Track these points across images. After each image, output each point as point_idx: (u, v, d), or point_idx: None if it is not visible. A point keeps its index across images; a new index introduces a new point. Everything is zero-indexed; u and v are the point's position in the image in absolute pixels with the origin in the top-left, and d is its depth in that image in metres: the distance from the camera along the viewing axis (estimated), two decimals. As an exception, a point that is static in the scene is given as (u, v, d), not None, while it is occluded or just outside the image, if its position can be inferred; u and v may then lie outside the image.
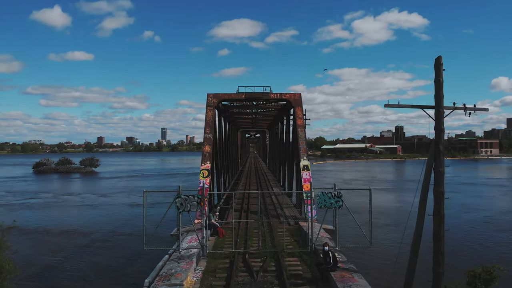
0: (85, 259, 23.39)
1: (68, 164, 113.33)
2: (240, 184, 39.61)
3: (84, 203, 49.36)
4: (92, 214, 40.68)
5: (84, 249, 25.91)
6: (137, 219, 34.58)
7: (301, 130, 24.24)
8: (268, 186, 37.55)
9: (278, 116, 39.97)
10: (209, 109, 25.15)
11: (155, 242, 14.93)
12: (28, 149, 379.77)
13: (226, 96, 25.97)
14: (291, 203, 27.77)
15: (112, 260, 22.90)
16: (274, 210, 24.43)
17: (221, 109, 33.10)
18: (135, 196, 53.56)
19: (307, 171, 22.39)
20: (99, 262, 22.58)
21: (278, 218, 21.70)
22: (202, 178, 21.94)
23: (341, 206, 14.55)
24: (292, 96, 25.76)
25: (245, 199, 28.74)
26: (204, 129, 24.32)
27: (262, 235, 17.29)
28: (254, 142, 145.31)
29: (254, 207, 25.37)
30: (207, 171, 22.26)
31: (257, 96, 25.98)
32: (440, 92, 12.05)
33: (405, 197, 50.25)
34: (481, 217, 38.08)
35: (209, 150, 23.36)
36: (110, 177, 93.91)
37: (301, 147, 23.55)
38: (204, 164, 22.65)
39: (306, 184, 21.85)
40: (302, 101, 25.60)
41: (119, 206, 45.59)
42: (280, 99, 26.10)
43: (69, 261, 23.07)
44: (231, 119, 44.46)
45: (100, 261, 22.92)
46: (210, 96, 25.63)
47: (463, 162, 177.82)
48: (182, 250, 14.37)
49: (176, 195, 14.48)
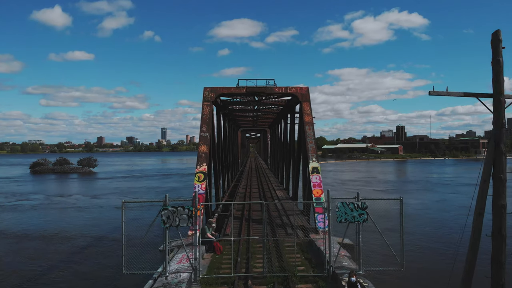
0: (57, 272, 20.65)
1: (66, 164, 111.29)
2: (240, 186, 36.83)
3: (74, 205, 47.37)
4: (78, 217, 38.71)
5: (60, 258, 23.47)
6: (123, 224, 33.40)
7: (309, 128, 21.46)
8: (271, 189, 34.78)
9: (281, 113, 37.14)
10: (206, 105, 22.39)
11: (139, 262, 12.20)
12: (28, 149, 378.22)
13: (225, 90, 23.19)
14: (297, 208, 25.00)
15: (87, 277, 20.01)
16: (279, 218, 21.64)
17: (220, 106, 30.28)
18: (127, 198, 51.26)
19: (317, 175, 19.62)
20: (70, 280, 19.71)
21: (284, 228, 18.94)
22: (197, 182, 19.18)
23: (366, 221, 11.79)
24: (299, 90, 22.99)
25: (246, 205, 25.97)
26: (200, 127, 21.55)
27: (267, 252, 14.49)
28: (254, 142, 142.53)
29: (256, 214, 22.61)
30: (203, 175, 19.48)
31: (260, 90, 23.19)
32: (500, 76, 9.30)
33: (406, 199, 48.71)
34: (485, 220, 35.84)
35: (205, 151, 20.58)
36: (106, 177, 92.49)
37: (309, 147, 20.78)
38: (199, 166, 19.88)
39: (316, 189, 19.08)
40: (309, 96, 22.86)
41: (108, 208, 43.67)
42: (285, 93, 23.31)
43: (44, 272, 20.38)
44: (230, 117, 41.68)
45: (72, 276, 20.08)
46: (207, 90, 22.86)
47: (465, 162, 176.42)
48: (169, 275, 11.61)
49: (161, 206, 11.71)
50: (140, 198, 51.82)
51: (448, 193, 56.57)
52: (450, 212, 40.96)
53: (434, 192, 58.48)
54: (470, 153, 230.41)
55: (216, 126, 29.99)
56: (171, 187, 66.53)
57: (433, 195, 55.35)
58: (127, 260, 11.73)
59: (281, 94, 23.81)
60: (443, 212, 41.11)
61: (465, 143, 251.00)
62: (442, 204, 46.36)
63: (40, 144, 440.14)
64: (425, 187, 66.77)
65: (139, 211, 30.10)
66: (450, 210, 42.04)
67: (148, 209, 30.13)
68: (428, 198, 51.88)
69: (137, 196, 54.52)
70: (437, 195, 54.72)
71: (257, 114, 41.09)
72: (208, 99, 22.54)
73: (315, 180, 19.39)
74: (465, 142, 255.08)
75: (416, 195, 55.42)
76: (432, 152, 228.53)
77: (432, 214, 40.24)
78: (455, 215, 38.52)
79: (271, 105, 31.68)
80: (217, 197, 27.77)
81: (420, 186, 68.51)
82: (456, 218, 35.38)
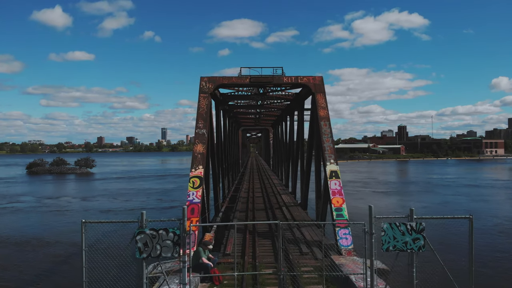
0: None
1: (63, 164, 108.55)
2: (242, 190, 33.48)
3: (59, 207, 44.89)
4: (59, 221, 36.10)
5: (25, 270, 20.42)
6: (103, 230, 31.26)
7: (325, 124, 18.11)
8: (275, 193, 31.43)
9: (287, 109, 33.71)
10: (203, 97, 19.05)
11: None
12: (27, 149, 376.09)
13: (225, 80, 19.82)
14: (308, 217, 21.69)
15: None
16: (289, 230, 18.29)
17: (219, 100, 26.93)
18: (117, 201, 50.00)
19: (336, 180, 16.27)
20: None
21: (297, 245, 15.58)
22: (191, 189, 15.83)
23: (423, 248, 8.46)
24: (312, 79, 19.63)
25: (249, 212, 22.67)
26: (196, 123, 18.21)
27: (280, 282, 11.15)
28: (255, 142, 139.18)
29: (262, 227, 19.27)
30: (199, 180, 16.13)
31: (266, 80, 19.83)
32: None
33: (408, 202, 46.16)
34: (491, 225, 32.94)
35: (201, 151, 17.24)
36: (101, 178, 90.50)
37: (326, 146, 17.42)
38: (194, 169, 16.53)
39: (336, 197, 15.73)
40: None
41: (93, 212, 41.18)
42: (295, 84, 19.94)
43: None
44: (231, 114, 38.36)
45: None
46: (204, 80, 19.53)
47: (468, 162, 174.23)
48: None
49: (137, 228, 8.38)
50: (129, 201, 49.86)
51: (451, 196, 53.94)
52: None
53: (439, 194, 55.68)
54: (473, 153, 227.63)
55: (216, 123, 26.69)
56: (163, 189, 64.09)
57: (438, 197, 52.60)
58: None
59: (291, 85, 20.42)
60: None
61: (468, 143, 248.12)
62: (449, 208, 43.57)
63: (40, 144, 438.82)
64: (427, 188, 64.14)
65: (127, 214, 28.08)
66: (454, 214, 39.23)
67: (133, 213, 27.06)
68: (432, 200, 49.09)
69: (127, 199, 52.23)
70: (443, 197, 52.04)
71: (260, 111, 37.69)
72: (206, 90, 19.21)
73: (335, 187, 16.04)
74: (467, 142, 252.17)
75: (418, 197, 52.84)
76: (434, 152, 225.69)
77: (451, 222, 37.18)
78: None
79: (277, 99, 28.15)
80: (216, 203, 24.41)
81: (422, 187, 65.95)
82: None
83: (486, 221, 35.16)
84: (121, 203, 48.39)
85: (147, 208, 42.92)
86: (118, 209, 43.23)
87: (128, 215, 39.63)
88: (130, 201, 49.60)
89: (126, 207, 44.70)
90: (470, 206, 43.21)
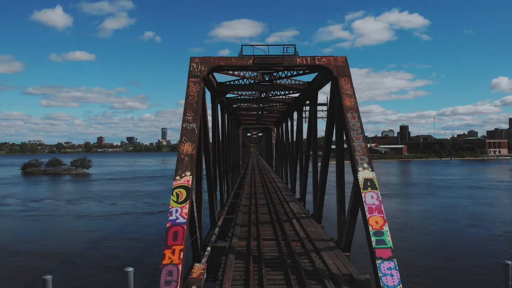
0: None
1: (58, 165, 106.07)
2: (243, 196, 29.12)
3: (38, 211, 43.07)
4: (30, 227, 34.31)
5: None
6: (78, 236, 29.88)
7: (352, 116, 13.77)
8: (282, 200, 27.08)
9: (295, 103, 29.33)
10: (193, 82, 14.73)
11: None
12: (27, 149, 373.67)
13: (222, 61, 15.47)
14: (325, 235, 17.39)
15: None
16: (305, 255, 13.96)
17: (216, 91, 22.56)
18: (102, 204, 47.48)
19: (373, 191, 11.93)
20: None
21: (318, 280, 11.24)
22: (175, 204, 11.46)
23: None
24: (333, 60, 15.30)
25: (252, 226, 18.34)
26: (184, 114, 13.88)
27: None
28: (255, 142, 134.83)
29: (270, 246, 14.97)
30: (185, 191, 11.77)
31: (275, 61, 15.48)
32: None
33: (409, 206, 44.80)
34: (500, 232, 30.25)
35: (190, 151, 12.89)
36: (96, 179, 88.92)
37: (356, 146, 13.08)
38: (180, 176, 12.18)
39: (374, 216, 11.38)
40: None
41: (68, 217, 38.70)
42: (312, 66, 15.56)
43: None
44: (231, 110, 34.05)
45: None
46: (195, 60, 15.22)
47: (472, 162, 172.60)
48: None
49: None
50: (114, 205, 46.93)
51: (454, 198, 51.21)
52: (459, 223, 34.58)
53: (442, 197, 53.10)
54: (476, 154, 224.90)
55: (212, 117, 22.40)
56: (154, 191, 61.44)
57: (440, 200, 49.95)
58: None
59: (306, 67, 16.02)
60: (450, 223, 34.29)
61: (471, 143, 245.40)
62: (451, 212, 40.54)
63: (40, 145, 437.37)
64: (430, 190, 61.58)
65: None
66: (458, 220, 35.98)
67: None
68: (434, 203, 46.48)
69: (113, 202, 49.22)
70: (446, 200, 49.39)
71: (264, 106, 33.29)
72: (197, 74, 14.89)
73: (371, 201, 11.70)
74: (470, 142, 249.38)
75: (420, 199, 50.35)
76: (436, 152, 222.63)
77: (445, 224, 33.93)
78: (463, 225, 32.53)
79: (287, 90, 23.52)
80: (211, 215, 20.04)
81: (425, 189, 63.40)
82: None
83: (494, 227, 32.48)
84: (105, 207, 45.35)
85: (130, 213, 39.66)
86: (98, 214, 40.58)
87: (106, 221, 36.38)
88: (114, 205, 46.84)
89: (109, 211, 41.99)
90: (475, 211, 40.86)
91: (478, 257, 23.36)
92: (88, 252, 25.26)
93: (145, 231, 31.38)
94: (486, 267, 21.03)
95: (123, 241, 28.38)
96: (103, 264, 22.45)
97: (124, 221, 36.31)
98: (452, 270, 21.15)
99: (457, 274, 20.59)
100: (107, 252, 25.31)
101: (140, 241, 28.39)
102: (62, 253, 25.08)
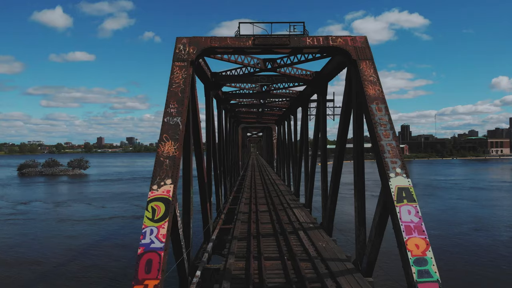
0: None
1: (55, 166, 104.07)
2: (242, 202, 26.26)
3: (22, 214, 40.67)
4: (8, 232, 32.16)
5: None
6: (56, 242, 28.28)
7: (378, 108, 10.95)
8: (285, 206, 24.24)
9: (300, 98, 26.49)
10: (179, 67, 11.93)
11: None
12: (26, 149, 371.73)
13: (215, 41, 12.67)
14: (340, 252, 14.59)
15: None
16: (316, 278, 11.16)
17: (210, 83, 19.69)
18: (90, 207, 45.46)
19: (411, 205, 9.09)
20: None
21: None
22: (149, 223, 8.62)
23: None
24: (350, 41, 12.53)
25: (252, 239, 15.54)
26: (165, 106, 11.06)
27: None
28: (255, 142, 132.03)
29: (273, 269, 12.16)
30: (164, 205, 8.94)
31: (279, 42, 12.67)
32: None
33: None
34: (507, 238, 28.46)
35: (172, 153, 10.06)
36: (91, 180, 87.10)
37: (384, 145, 10.27)
38: (158, 185, 9.33)
39: (413, 238, 8.55)
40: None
41: (50, 222, 36.66)
42: (325, 47, 12.69)
43: None
44: (228, 106, 31.24)
45: None
46: (181, 41, 12.45)
47: (474, 162, 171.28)
48: None
49: None
50: (103, 208, 44.73)
51: (456, 200, 49.30)
52: (461, 227, 32.57)
53: (443, 198, 51.07)
54: (478, 153, 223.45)
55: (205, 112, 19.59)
56: (140, 193, 59.23)
57: (442, 201, 47.98)
58: None
59: (318, 49, 13.18)
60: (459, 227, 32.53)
61: (473, 142, 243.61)
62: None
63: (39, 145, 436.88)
64: (431, 191, 59.69)
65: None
66: (461, 224, 34.11)
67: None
68: (436, 206, 44.41)
69: (102, 204, 47.09)
70: (448, 202, 47.43)
71: (264, 102, 30.43)
72: (184, 57, 12.10)
73: (408, 217, 8.86)
74: (472, 141, 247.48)
75: (420, 201, 48.55)
76: (438, 152, 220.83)
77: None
78: (467, 229, 30.98)
79: (293, 81, 20.47)
80: (205, 226, 17.18)
81: (426, 190, 61.86)
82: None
83: (500, 232, 30.41)
84: (93, 209, 43.32)
85: (118, 216, 37.38)
86: (84, 217, 38.54)
87: (90, 225, 34.00)
88: (103, 208, 44.80)
89: (96, 215, 39.67)
90: (479, 213, 38.95)
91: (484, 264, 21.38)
92: (64, 261, 22.65)
93: (131, 237, 28.71)
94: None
95: (105, 248, 25.76)
96: (80, 275, 19.89)
97: (110, 225, 33.78)
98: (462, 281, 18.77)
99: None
100: (85, 262, 22.74)
101: (125, 248, 25.76)
102: (36, 261, 22.49)
